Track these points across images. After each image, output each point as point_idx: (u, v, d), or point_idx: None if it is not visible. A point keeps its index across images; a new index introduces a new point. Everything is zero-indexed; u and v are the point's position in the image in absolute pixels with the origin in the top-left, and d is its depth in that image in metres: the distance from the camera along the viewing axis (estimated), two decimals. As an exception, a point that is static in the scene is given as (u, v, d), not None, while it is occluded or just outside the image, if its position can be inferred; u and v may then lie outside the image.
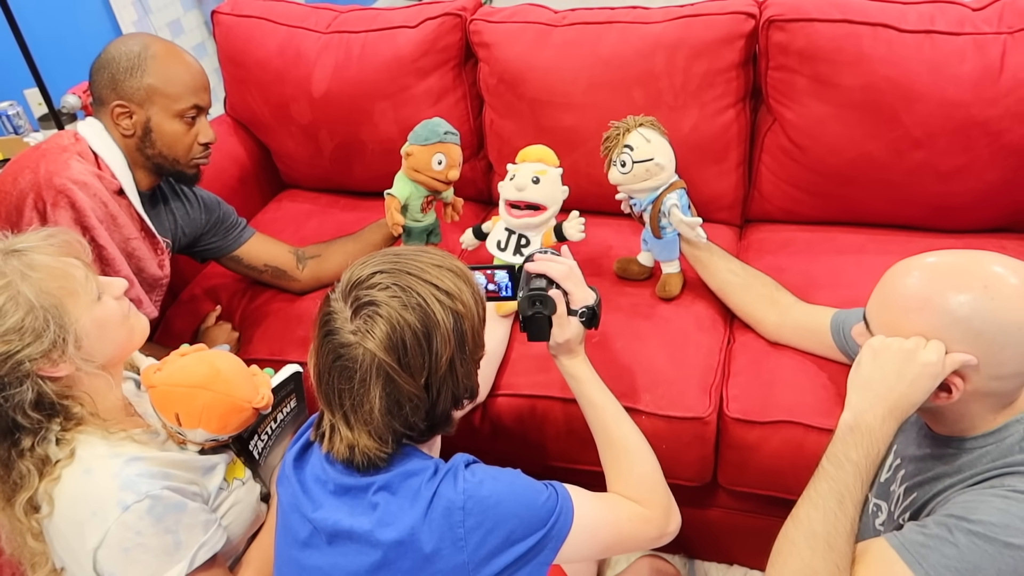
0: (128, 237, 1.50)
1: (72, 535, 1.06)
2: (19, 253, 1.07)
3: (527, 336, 1.26)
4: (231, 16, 2.14)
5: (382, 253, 1.06)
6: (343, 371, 1.00)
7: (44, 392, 1.07)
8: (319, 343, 1.03)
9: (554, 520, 1.05)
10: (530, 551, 1.03)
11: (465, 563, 1.01)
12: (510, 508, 1.03)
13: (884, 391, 0.97)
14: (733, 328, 1.65)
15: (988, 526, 0.89)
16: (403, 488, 1.03)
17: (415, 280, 1.00)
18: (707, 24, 1.78)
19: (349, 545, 1.04)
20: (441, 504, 1.01)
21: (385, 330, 0.97)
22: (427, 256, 1.05)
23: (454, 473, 1.05)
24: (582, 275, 1.29)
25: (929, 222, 1.82)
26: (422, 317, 0.99)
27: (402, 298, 0.99)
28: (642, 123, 1.54)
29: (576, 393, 1.29)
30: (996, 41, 1.62)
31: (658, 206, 1.55)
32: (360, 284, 1.01)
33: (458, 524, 1.01)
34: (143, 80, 1.46)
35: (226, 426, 1.20)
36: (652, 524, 1.18)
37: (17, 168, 1.45)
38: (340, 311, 1.00)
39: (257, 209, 2.27)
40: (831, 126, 1.75)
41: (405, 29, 2.00)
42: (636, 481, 1.21)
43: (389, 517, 1.02)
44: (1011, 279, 0.93)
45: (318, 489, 1.08)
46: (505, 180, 1.57)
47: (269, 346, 1.75)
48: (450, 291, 1.02)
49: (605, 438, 1.25)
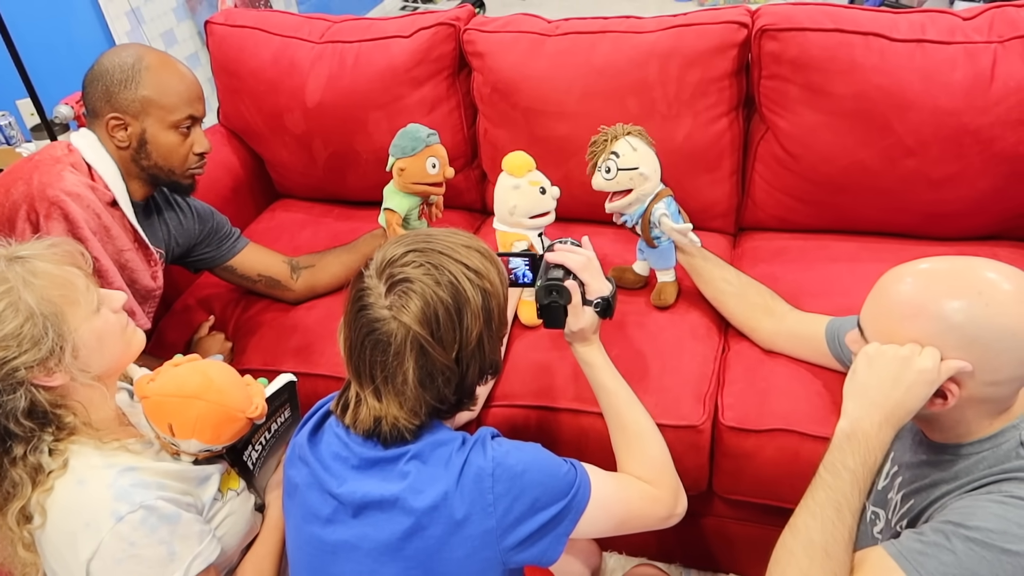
0: (121, 249, 1.50)
1: (65, 546, 1.05)
2: (22, 260, 1.07)
3: (543, 323, 1.30)
4: (224, 26, 2.14)
5: (413, 234, 1.10)
6: (377, 344, 1.04)
7: (37, 400, 1.06)
8: (352, 318, 1.07)
9: (575, 491, 1.10)
10: (552, 520, 1.08)
11: (493, 528, 1.05)
12: (535, 477, 1.08)
13: (880, 398, 0.98)
14: (728, 336, 1.65)
15: (985, 532, 0.89)
16: (434, 457, 1.08)
17: (446, 259, 1.05)
18: (700, 33, 1.79)
19: (378, 515, 1.07)
20: (472, 471, 1.06)
21: (419, 305, 1.02)
22: (456, 237, 1.10)
23: (482, 443, 1.10)
24: (600, 266, 1.32)
25: (921, 230, 1.83)
26: (453, 293, 1.03)
27: (435, 275, 1.03)
28: (630, 131, 1.54)
29: (590, 379, 1.32)
30: (987, 50, 1.64)
31: (647, 217, 1.55)
32: (394, 262, 1.05)
33: (488, 490, 1.05)
34: (138, 92, 1.46)
35: (220, 436, 1.19)
36: (662, 504, 1.21)
37: (10, 180, 1.45)
38: (374, 287, 1.04)
39: (251, 219, 2.27)
40: (824, 134, 1.76)
41: (399, 39, 2.00)
42: (647, 463, 1.25)
43: (421, 484, 1.06)
44: (1005, 285, 0.93)
45: (339, 465, 1.11)
46: (524, 198, 1.57)
47: (263, 356, 1.75)
48: (479, 270, 1.06)
49: (617, 422, 1.29)
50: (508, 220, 1.60)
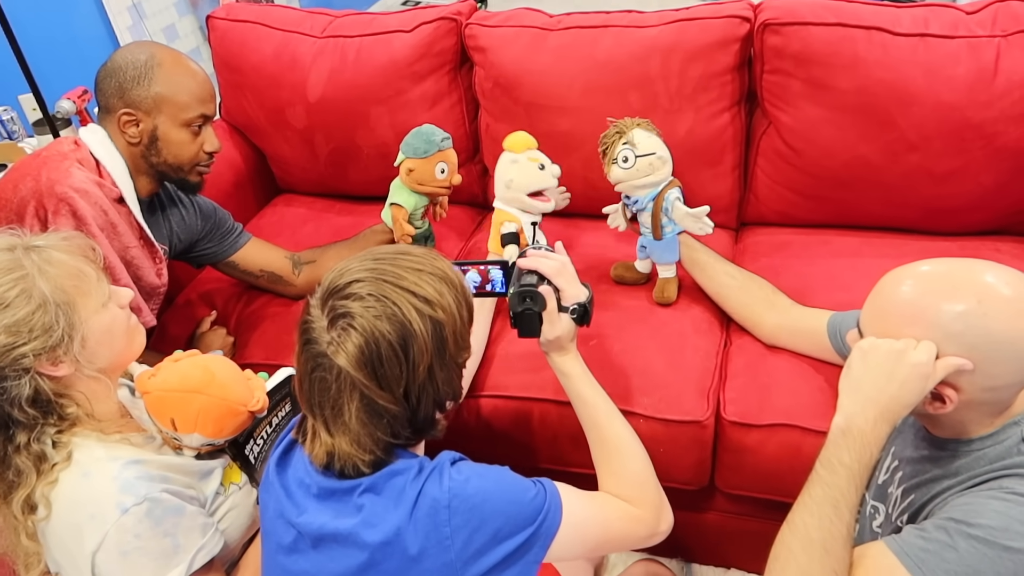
0: (127, 245, 1.50)
1: (70, 538, 1.06)
2: (38, 249, 1.08)
3: (518, 332, 1.25)
4: (226, 21, 2.14)
5: (361, 258, 1.04)
6: (321, 381, 0.99)
7: (41, 389, 1.07)
8: (299, 349, 1.02)
9: (542, 518, 1.04)
10: (518, 549, 1.02)
11: (452, 562, 1.00)
12: (496, 506, 1.02)
13: (875, 393, 0.97)
14: (730, 331, 1.65)
15: (987, 530, 0.89)
16: (388, 488, 1.02)
17: (391, 288, 0.99)
18: (702, 28, 1.78)
19: (335, 548, 1.03)
20: (426, 503, 1.00)
21: (359, 343, 0.96)
22: (406, 260, 1.03)
23: (439, 471, 1.03)
24: (575, 272, 1.29)
25: (924, 225, 1.83)
26: (398, 327, 0.97)
27: (376, 308, 0.97)
28: (639, 123, 1.55)
29: (567, 390, 1.28)
30: (990, 44, 1.63)
31: (659, 203, 1.55)
32: (337, 292, 1.00)
33: (444, 523, 0.99)
34: (151, 89, 1.46)
35: (222, 430, 1.19)
36: (642, 523, 1.17)
37: (17, 175, 1.45)
38: (317, 319, 1.00)
39: (253, 214, 2.27)
40: (826, 129, 1.76)
41: (400, 34, 2.00)
42: (627, 479, 1.20)
43: (374, 518, 1.01)
44: (1004, 291, 0.92)
45: (301, 493, 1.07)
46: (522, 172, 1.56)
47: (265, 350, 1.75)
48: (428, 297, 1.00)
49: (596, 435, 1.25)
50: (504, 195, 1.59)
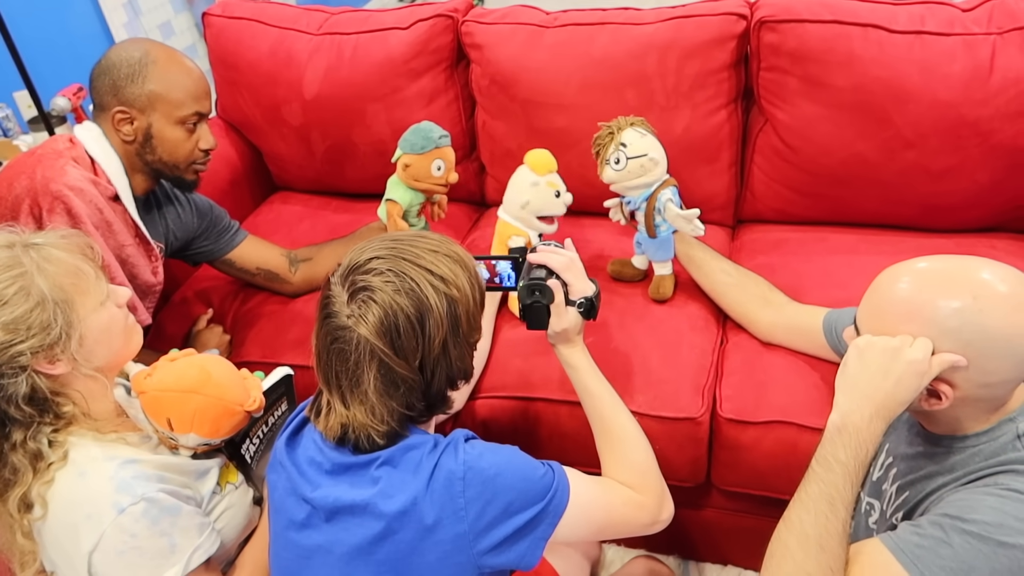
0: (123, 244, 1.50)
1: (66, 538, 1.06)
2: (37, 247, 1.08)
3: (527, 325, 1.29)
4: (222, 18, 2.13)
5: (381, 239, 1.08)
6: (340, 353, 1.03)
7: (38, 387, 1.07)
8: (319, 325, 1.07)
9: (551, 495, 1.08)
10: (527, 524, 1.06)
11: (465, 533, 1.04)
12: (508, 480, 1.06)
13: (870, 391, 0.97)
14: (726, 328, 1.66)
15: (982, 525, 0.89)
16: (404, 461, 1.06)
17: (410, 265, 1.03)
18: (699, 25, 1.78)
19: (350, 519, 1.06)
20: (442, 475, 1.04)
21: (378, 315, 1.00)
22: (424, 242, 1.08)
23: (454, 446, 1.08)
24: (583, 267, 1.32)
25: (920, 222, 1.83)
26: (415, 301, 1.02)
27: (395, 283, 1.02)
28: (633, 123, 1.55)
29: (573, 381, 1.31)
30: (986, 41, 1.63)
31: (652, 203, 1.55)
32: (357, 269, 1.04)
33: (458, 494, 1.04)
34: (145, 86, 1.45)
35: (218, 430, 1.19)
36: (645, 510, 1.20)
37: (12, 173, 1.44)
38: (338, 295, 1.04)
39: (249, 211, 2.26)
40: (822, 126, 1.76)
41: (397, 31, 1.99)
42: (631, 468, 1.23)
43: (391, 488, 1.05)
44: (1000, 287, 0.93)
45: (313, 471, 1.11)
46: (539, 196, 1.58)
47: (262, 348, 1.75)
48: (444, 276, 1.05)
49: (601, 426, 1.28)
50: (517, 214, 1.60)
